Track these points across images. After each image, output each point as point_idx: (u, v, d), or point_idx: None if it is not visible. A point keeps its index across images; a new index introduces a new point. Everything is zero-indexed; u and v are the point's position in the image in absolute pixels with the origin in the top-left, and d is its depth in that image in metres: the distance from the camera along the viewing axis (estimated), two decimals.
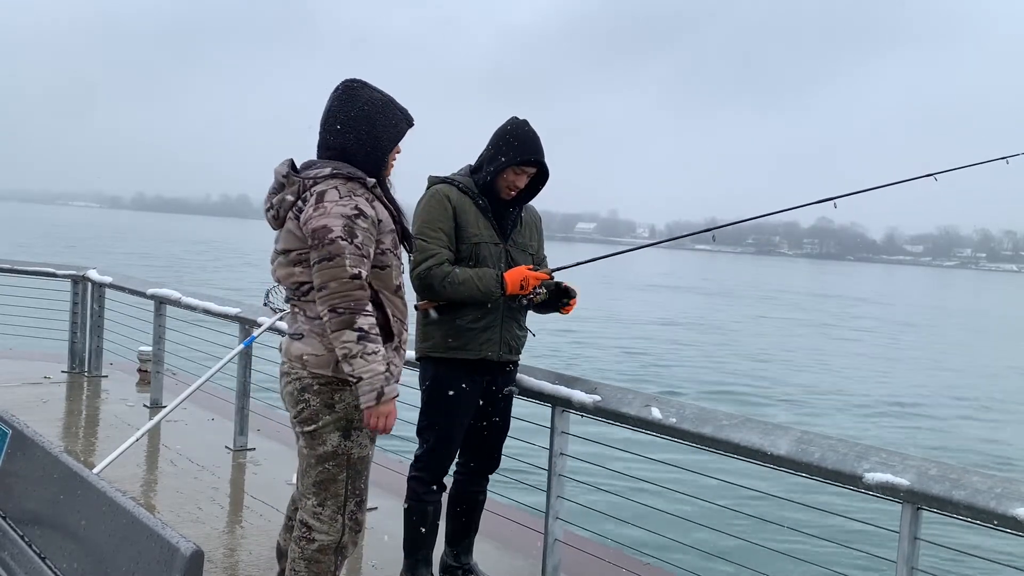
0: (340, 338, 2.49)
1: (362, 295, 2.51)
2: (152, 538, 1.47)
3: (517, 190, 3.28)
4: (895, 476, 2.57)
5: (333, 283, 2.49)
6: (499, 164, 3.21)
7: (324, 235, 2.50)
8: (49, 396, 6.60)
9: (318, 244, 2.51)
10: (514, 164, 3.21)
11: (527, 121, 3.28)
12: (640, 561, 4.05)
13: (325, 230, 2.50)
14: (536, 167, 3.27)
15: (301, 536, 2.68)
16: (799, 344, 26.50)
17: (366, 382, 2.50)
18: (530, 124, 3.27)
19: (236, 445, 5.46)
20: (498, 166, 3.21)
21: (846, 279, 72.00)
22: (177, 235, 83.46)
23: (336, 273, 2.49)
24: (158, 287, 6.42)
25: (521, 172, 3.25)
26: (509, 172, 3.23)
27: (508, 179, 3.24)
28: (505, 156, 3.20)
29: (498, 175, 3.22)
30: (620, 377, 16.65)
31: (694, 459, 3.49)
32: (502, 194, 3.27)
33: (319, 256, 2.51)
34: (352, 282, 2.50)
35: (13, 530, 1.96)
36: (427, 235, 3.16)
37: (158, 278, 8.75)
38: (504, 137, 3.23)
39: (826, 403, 16.41)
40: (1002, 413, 17.01)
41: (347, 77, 2.72)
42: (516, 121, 3.28)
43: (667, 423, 3.18)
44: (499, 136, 3.25)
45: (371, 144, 2.66)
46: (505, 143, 3.22)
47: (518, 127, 3.25)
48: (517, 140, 3.22)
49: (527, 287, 3.22)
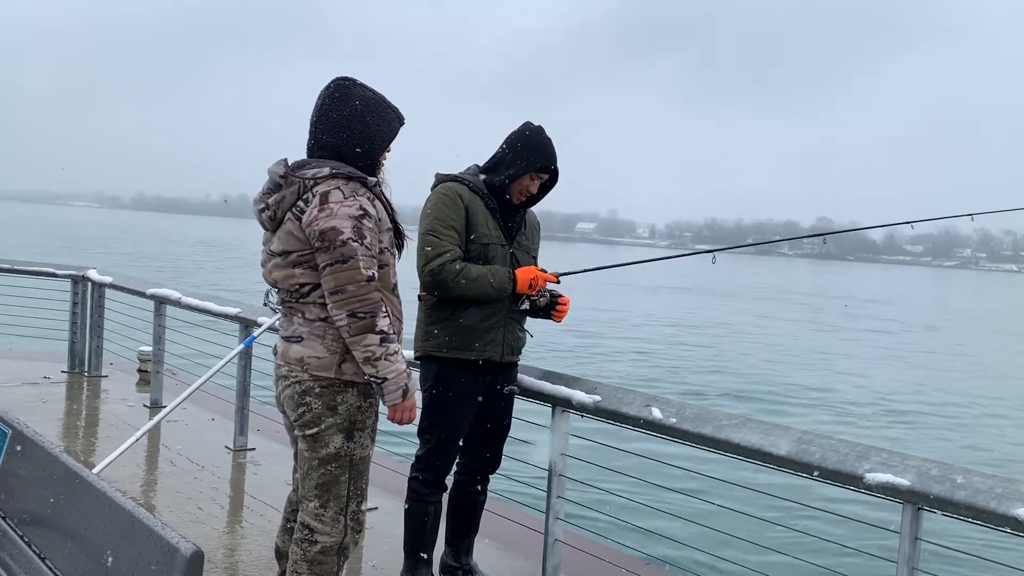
0: (362, 342, 2.49)
1: (378, 297, 2.52)
2: (152, 538, 1.47)
3: (529, 195, 3.31)
4: (896, 476, 2.57)
5: (351, 286, 2.48)
6: (518, 169, 3.23)
7: (335, 237, 2.48)
8: (49, 396, 6.60)
9: (328, 246, 2.49)
10: (533, 170, 3.25)
11: (543, 128, 3.32)
12: (640, 561, 4.05)
13: (335, 232, 2.48)
14: (550, 174, 3.32)
15: (303, 538, 2.67)
16: (828, 348, 25.54)
17: (392, 382, 2.53)
18: (545, 131, 3.31)
19: (236, 445, 5.46)
20: (517, 171, 3.23)
21: (850, 279, 71.76)
22: (177, 235, 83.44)
23: (353, 276, 2.48)
24: (158, 287, 6.41)
25: (537, 178, 3.30)
26: (526, 178, 3.26)
27: (524, 184, 3.28)
28: (526, 162, 3.23)
29: (515, 180, 3.25)
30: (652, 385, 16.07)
31: (694, 459, 3.49)
32: (514, 198, 3.30)
33: (331, 259, 2.49)
34: (368, 284, 2.50)
35: (13, 530, 1.95)
36: (439, 231, 3.17)
37: (158, 276, 8.75)
38: (524, 143, 3.26)
39: (868, 411, 15.73)
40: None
41: (338, 76, 2.70)
42: (533, 127, 3.30)
43: (667, 423, 3.18)
44: (518, 141, 3.27)
45: (365, 143, 2.65)
46: (525, 149, 3.25)
47: (536, 134, 3.28)
48: (537, 147, 3.25)
49: (536, 287, 3.25)
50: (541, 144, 3.26)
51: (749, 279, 57.91)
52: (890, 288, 67.93)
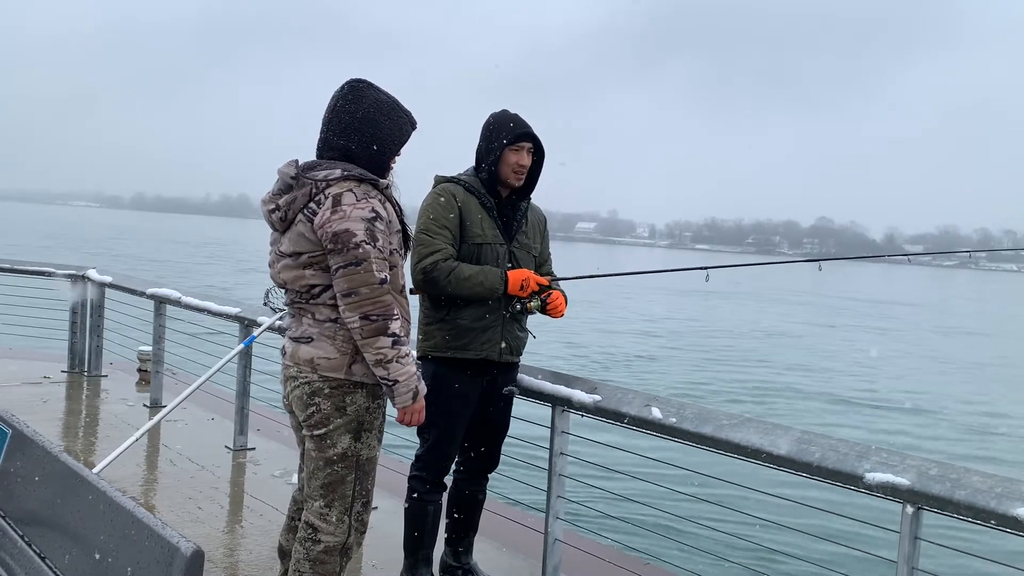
0: (374, 344, 2.49)
1: (390, 300, 2.53)
2: (152, 538, 1.47)
3: (523, 170, 3.28)
4: (896, 476, 2.57)
5: (364, 289, 2.48)
6: (494, 151, 3.23)
7: (348, 239, 2.48)
8: (49, 396, 6.60)
9: (341, 248, 2.49)
10: (510, 143, 3.23)
11: (507, 109, 3.32)
12: (640, 561, 4.05)
13: (348, 234, 2.48)
14: (531, 143, 3.27)
15: (306, 537, 2.67)
16: (862, 351, 24.72)
17: (403, 384, 2.54)
18: (509, 111, 3.30)
19: (236, 445, 5.46)
20: (494, 154, 3.23)
21: (851, 280, 71.02)
22: (177, 235, 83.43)
23: (366, 279, 2.48)
24: (158, 287, 6.41)
25: (520, 149, 3.26)
26: (509, 154, 3.24)
27: (511, 161, 3.25)
28: (497, 140, 3.23)
29: (499, 162, 3.24)
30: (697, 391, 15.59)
31: (694, 459, 3.49)
32: (511, 179, 3.27)
33: (344, 261, 2.49)
34: (381, 287, 2.50)
35: (13, 530, 1.95)
36: (432, 230, 3.17)
37: (159, 275, 8.75)
38: (491, 126, 3.28)
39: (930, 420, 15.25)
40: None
41: (352, 77, 2.70)
42: (495, 112, 3.32)
43: (667, 423, 3.17)
44: (486, 128, 3.29)
45: (376, 146, 2.65)
46: (494, 129, 3.26)
47: (499, 114, 3.30)
48: (502, 123, 3.26)
49: (527, 289, 3.24)
50: (505, 119, 3.26)
51: (749, 280, 57.40)
52: (897, 288, 67.17)
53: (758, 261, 5.39)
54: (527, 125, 3.27)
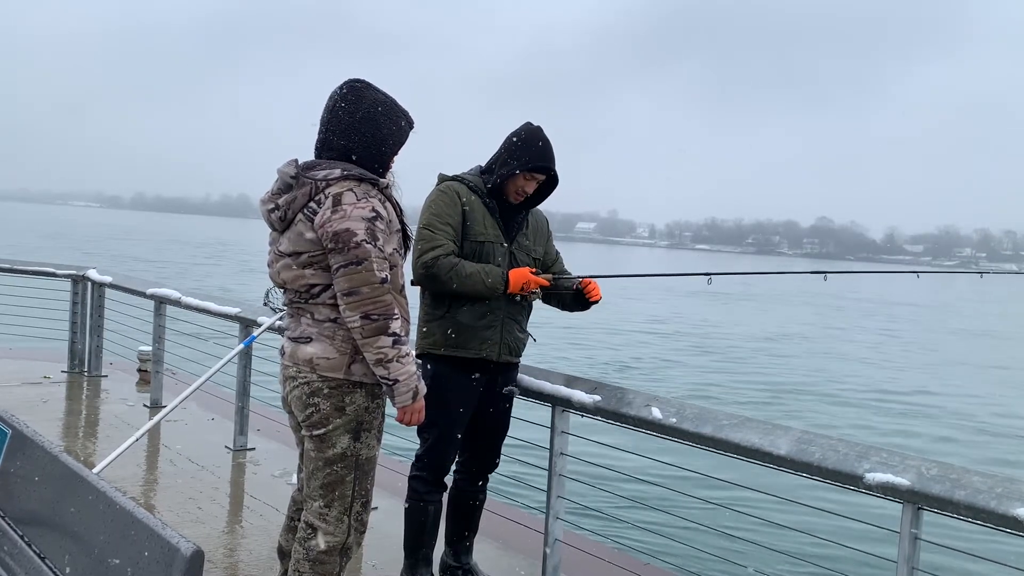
0: (375, 343, 2.49)
1: (391, 299, 2.52)
2: (152, 538, 1.47)
3: (525, 195, 3.31)
4: (895, 476, 2.57)
5: (365, 288, 2.48)
6: (510, 168, 3.23)
7: (348, 239, 2.48)
8: (49, 396, 6.60)
9: (342, 248, 2.49)
10: (525, 170, 3.23)
11: (541, 128, 3.30)
12: (640, 561, 4.05)
13: (349, 234, 2.48)
14: (546, 174, 3.30)
15: (306, 537, 2.67)
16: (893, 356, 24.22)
17: (403, 383, 2.54)
18: (544, 131, 3.29)
19: (236, 445, 5.46)
20: (509, 170, 3.23)
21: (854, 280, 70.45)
22: (177, 235, 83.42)
23: (367, 278, 2.48)
24: (158, 287, 6.41)
25: (531, 178, 3.28)
26: (519, 177, 3.25)
27: (517, 184, 3.27)
28: (517, 161, 3.22)
29: (508, 179, 3.25)
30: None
31: (694, 459, 3.49)
32: (510, 198, 3.30)
33: (344, 260, 2.49)
34: (382, 287, 2.50)
35: (13, 530, 1.95)
36: (435, 226, 3.18)
37: (159, 276, 8.74)
38: (517, 143, 3.25)
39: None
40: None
41: (351, 77, 2.70)
42: (530, 128, 3.29)
43: (667, 423, 3.17)
44: (512, 141, 3.27)
45: (376, 146, 2.65)
46: (518, 149, 3.24)
47: (531, 134, 3.26)
48: (530, 147, 3.23)
49: (527, 289, 3.25)
50: (534, 144, 3.24)
51: (752, 280, 57.13)
52: (898, 288, 66.79)
53: (763, 270, 5.37)
54: (549, 156, 3.26)
